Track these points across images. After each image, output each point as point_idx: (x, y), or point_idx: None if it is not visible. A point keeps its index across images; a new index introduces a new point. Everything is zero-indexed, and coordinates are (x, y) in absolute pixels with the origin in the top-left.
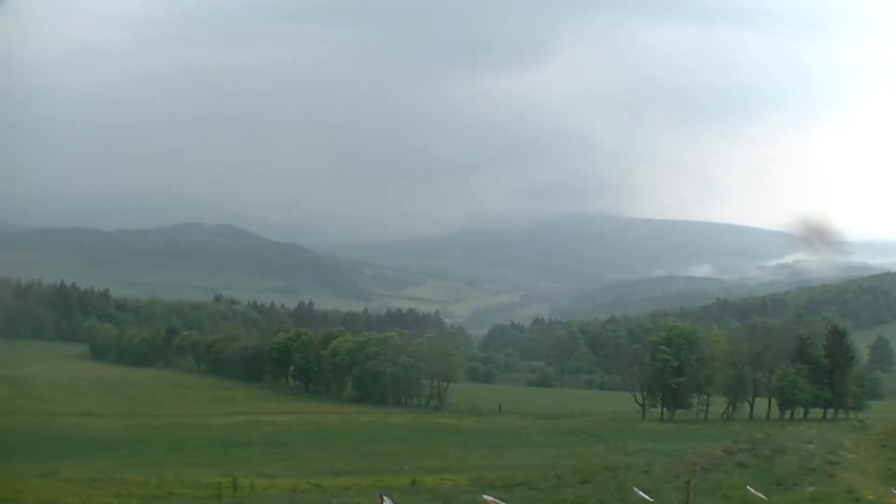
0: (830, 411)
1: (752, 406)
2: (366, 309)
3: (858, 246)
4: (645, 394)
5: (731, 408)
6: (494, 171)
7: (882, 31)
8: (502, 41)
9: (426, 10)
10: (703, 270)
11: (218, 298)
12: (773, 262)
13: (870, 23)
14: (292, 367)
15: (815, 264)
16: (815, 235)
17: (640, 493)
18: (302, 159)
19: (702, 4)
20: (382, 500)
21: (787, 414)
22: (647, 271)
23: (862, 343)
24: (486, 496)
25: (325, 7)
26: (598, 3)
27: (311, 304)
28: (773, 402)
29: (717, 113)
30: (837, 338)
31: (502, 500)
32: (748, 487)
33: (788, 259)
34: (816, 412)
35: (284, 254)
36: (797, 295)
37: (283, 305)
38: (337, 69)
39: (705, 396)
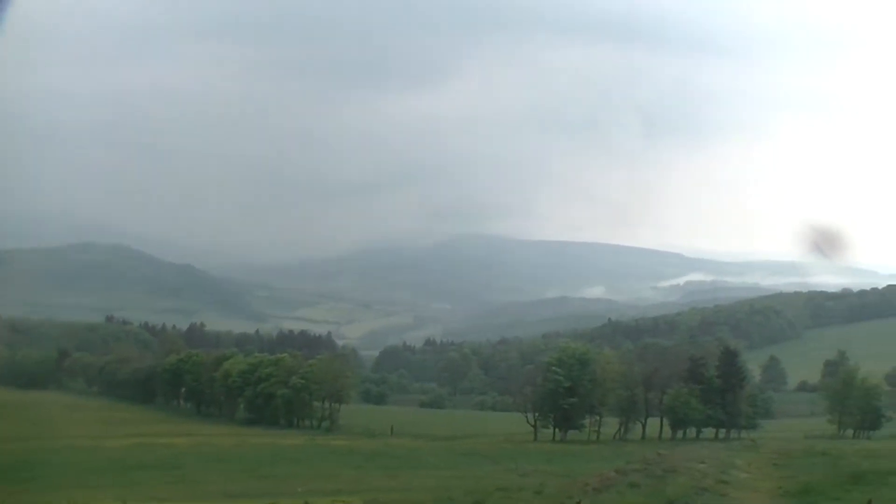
0: (723, 431)
1: (644, 426)
2: (258, 330)
3: (750, 267)
4: (537, 415)
5: (623, 428)
6: (392, 193)
7: (790, 57)
8: (404, 62)
9: (326, 31)
10: (595, 291)
11: (110, 319)
12: (666, 283)
13: (779, 48)
14: (184, 389)
15: (705, 285)
16: (825, 241)
17: None
18: (198, 180)
19: (605, 26)
20: None
21: (680, 434)
22: (539, 292)
23: (754, 363)
24: None
25: (225, 26)
26: (501, 26)
27: (202, 325)
28: (666, 422)
29: (616, 135)
30: (729, 358)
31: None
32: None
33: (680, 280)
34: (709, 432)
35: (178, 275)
36: (689, 316)
37: (175, 327)
38: (235, 89)
39: (598, 417)
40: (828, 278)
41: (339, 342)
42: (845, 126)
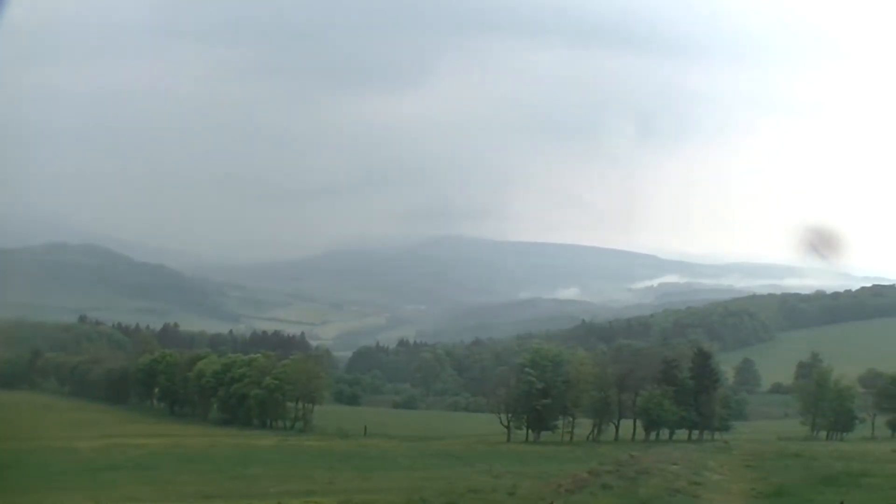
0: (696, 433)
1: (617, 428)
2: (231, 331)
3: (725, 269)
4: (510, 416)
5: (596, 430)
6: (367, 194)
7: (762, 60)
8: (378, 63)
9: (302, 32)
10: (569, 293)
11: (83, 319)
12: (640, 285)
13: (751, 51)
14: (157, 389)
15: (679, 287)
16: (821, 242)
17: None
18: (171, 179)
19: (580, 30)
20: None
21: (653, 436)
22: (513, 294)
23: (728, 365)
24: None
25: (199, 27)
26: (476, 28)
27: (176, 325)
28: (639, 423)
29: (590, 137)
30: (703, 360)
31: None
32: None
33: (654, 282)
34: (682, 434)
35: (151, 275)
36: (663, 317)
37: (148, 327)
38: (211, 89)
39: (571, 418)
40: (802, 280)
41: (313, 343)
42: (821, 130)
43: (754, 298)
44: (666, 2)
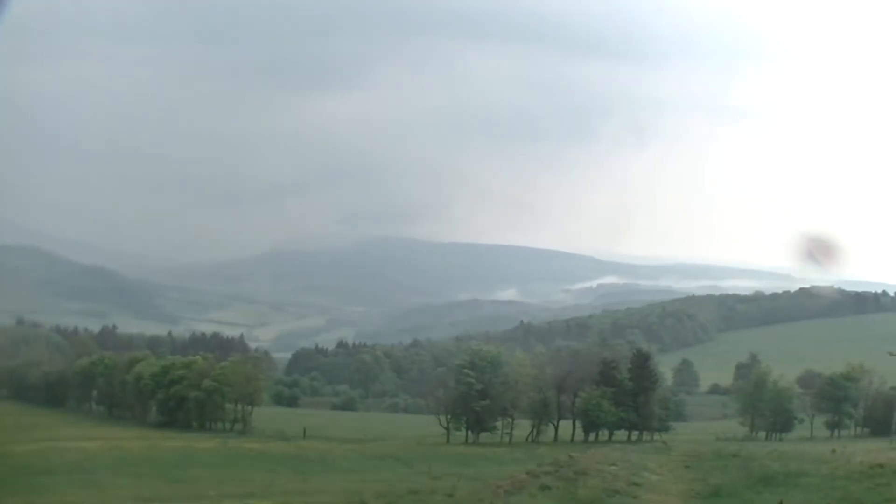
0: (635, 433)
1: (556, 429)
2: (170, 332)
3: (663, 270)
4: (449, 417)
5: (535, 431)
6: (307, 195)
7: (704, 64)
8: (320, 63)
9: (241, 31)
10: (507, 294)
11: (21, 322)
12: (578, 286)
13: (706, 58)
14: (96, 392)
15: (618, 288)
16: (819, 251)
17: None
18: (110, 181)
19: (524, 31)
20: None
21: (592, 436)
22: (451, 295)
23: (666, 366)
24: None
25: (136, 26)
26: (418, 28)
27: (115, 327)
28: (578, 424)
29: (531, 138)
30: (641, 361)
31: None
32: None
33: (593, 283)
34: (621, 435)
35: (90, 276)
36: (601, 318)
37: (87, 329)
38: (149, 89)
39: (510, 419)
40: (740, 282)
41: (252, 344)
42: (766, 133)
43: (693, 299)
44: (606, 4)
